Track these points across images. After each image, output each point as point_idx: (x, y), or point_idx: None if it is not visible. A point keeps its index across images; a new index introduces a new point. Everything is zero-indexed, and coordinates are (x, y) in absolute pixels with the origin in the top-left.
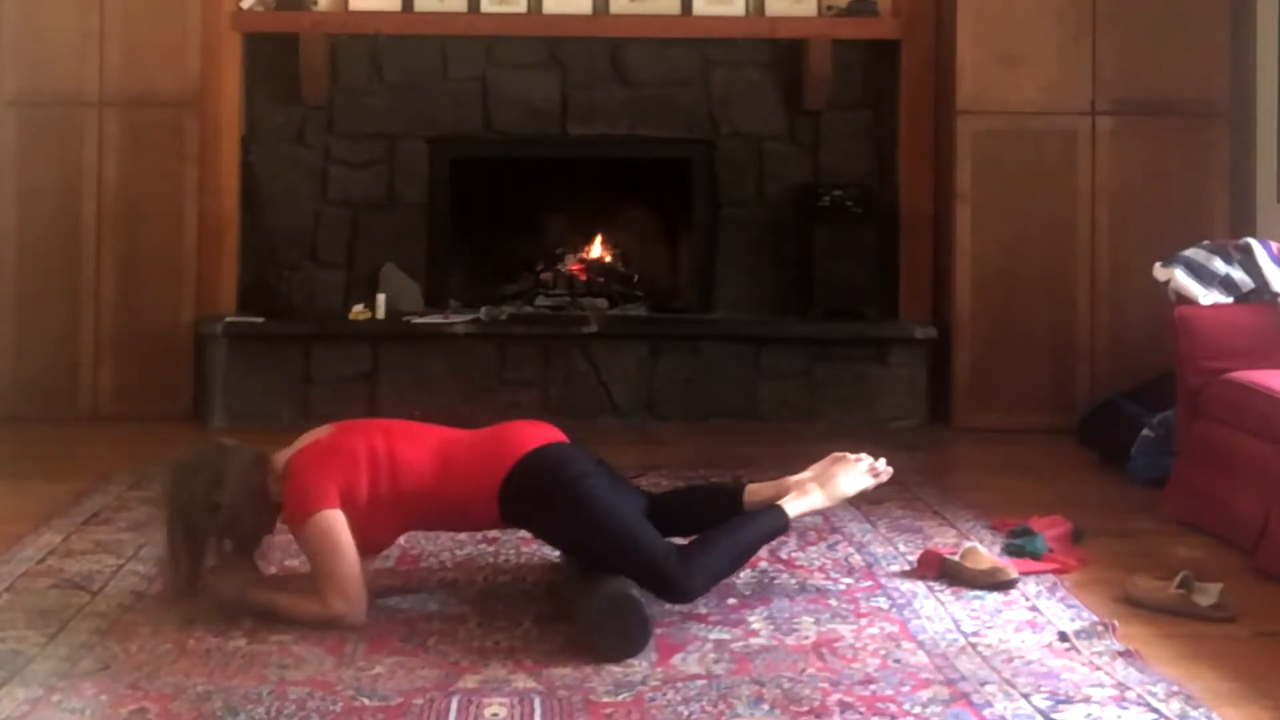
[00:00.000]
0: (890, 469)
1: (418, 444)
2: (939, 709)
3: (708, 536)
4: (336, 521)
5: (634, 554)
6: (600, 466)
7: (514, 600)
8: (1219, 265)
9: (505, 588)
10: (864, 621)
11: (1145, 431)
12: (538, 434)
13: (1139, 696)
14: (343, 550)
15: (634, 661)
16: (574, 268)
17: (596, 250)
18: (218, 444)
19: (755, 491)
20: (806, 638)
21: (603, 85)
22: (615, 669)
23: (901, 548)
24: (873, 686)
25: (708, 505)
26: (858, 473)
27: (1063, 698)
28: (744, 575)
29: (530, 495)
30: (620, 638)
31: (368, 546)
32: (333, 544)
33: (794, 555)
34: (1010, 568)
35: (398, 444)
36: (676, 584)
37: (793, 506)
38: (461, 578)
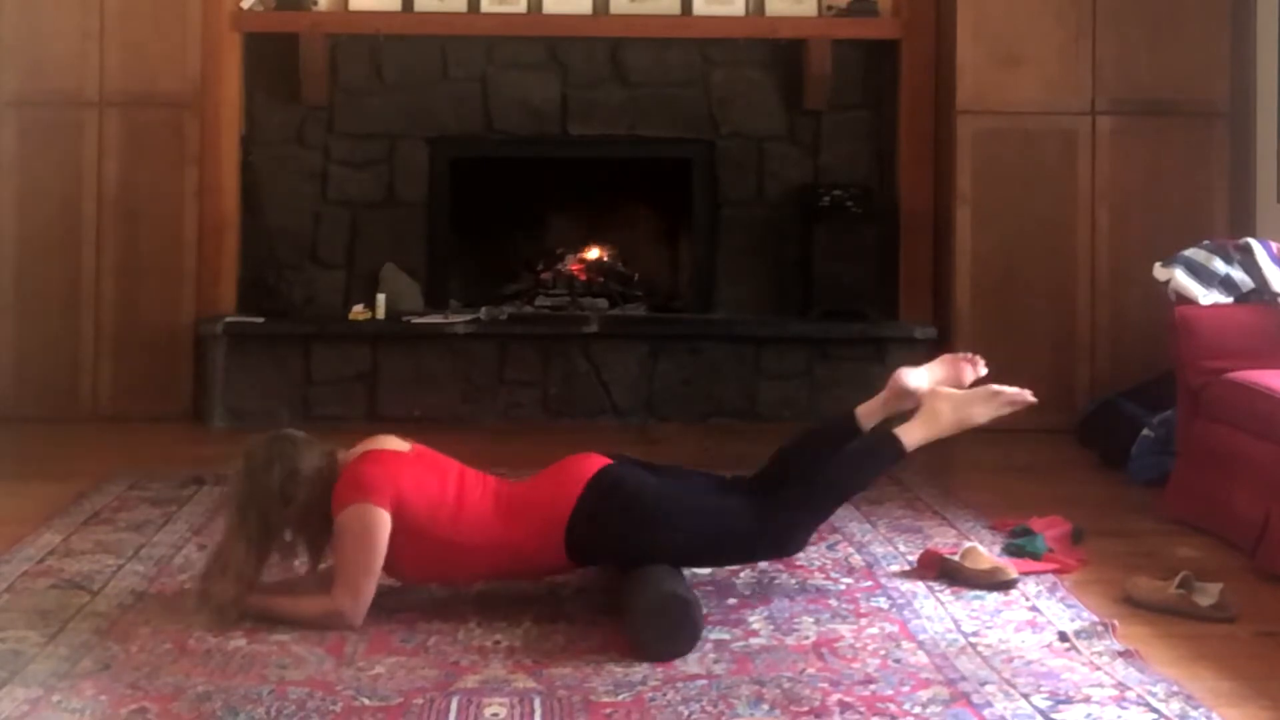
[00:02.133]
0: (1031, 395)
1: (484, 492)
2: (939, 709)
3: (811, 483)
4: (380, 519)
5: (728, 535)
6: (656, 472)
7: (514, 600)
8: (1219, 265)
9: (505, 588)
10: (864, 621)
11: (1145, 431)
12: (589, 464)
13: (1139, 696)
14: (374, 547)
15: (634, 661)
16: (574, 268)
17: (596, 250)
18: (290, 436)
19: (868, 414)
20: (806, 638)
21: (603, 85)
22: (615, 669)
23: (901, 548)
24: (873, 686)
25: (821, 449)
26: (999, 403)
27: (1063, 698)
28: (744, 575)
29: (601, 521)
30: (666, 637)
31: (390, 572)
32: (368, 536)
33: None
34: (1010, 568)
35: (467, 490)
36: (778, 543)
37: (912, 436)
38: None
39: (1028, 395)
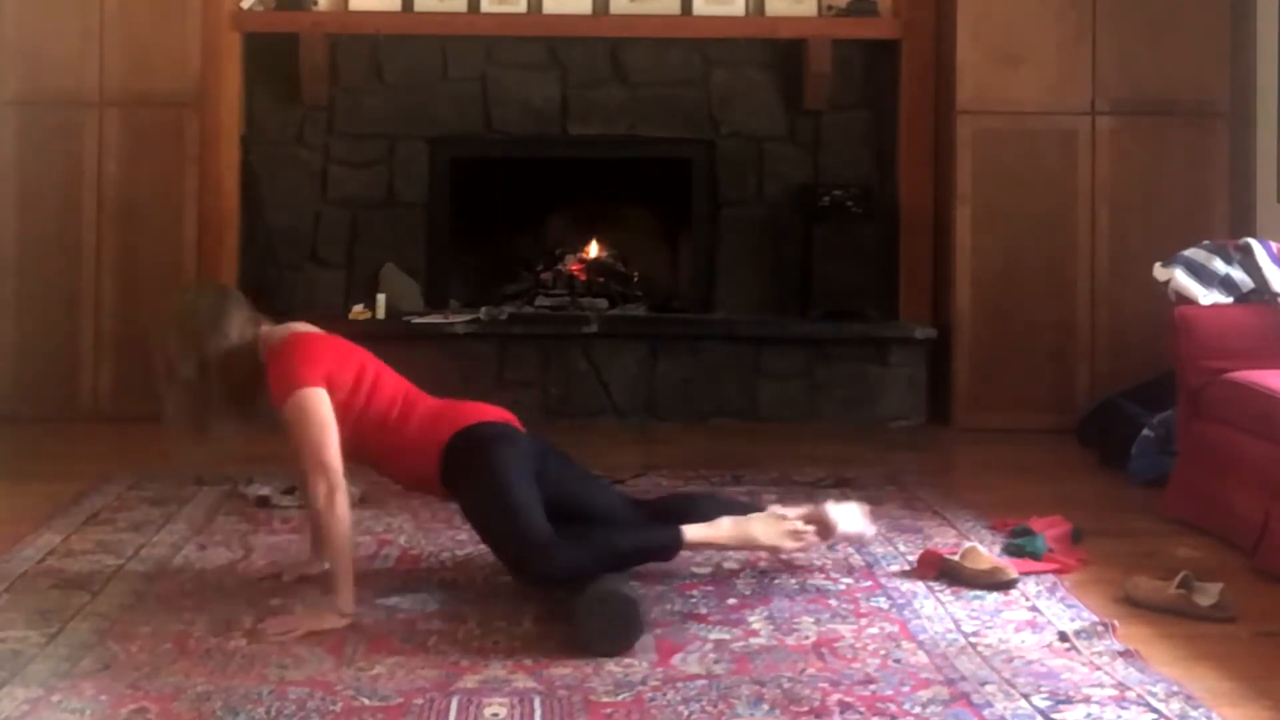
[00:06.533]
0: (814, 538)
1: (396, 382)
2: (939, 709)
3: (594, 533)
4: (318, 398)
5: (506, 526)
6: (551, 462)
7: (514, 600)
8: (1219, 265)
9: (505, 588)
10: (864, 621)
11: (1145, 431)
12: (495, 411)
13: (1139, 696)
14: (322, 423)
15: (634, 661)
16: (574, 268)
17: (596, 250)
18: (219, 286)
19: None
20: (806, 638)
21: (603, 85)
22: (615, 669)
23: (901, 548)
24: (873, 686)
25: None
26: (778, 530)
27: (1063, 698)
28: (744, 575)
29: (463, 459)
30: (609, 634)
31: None
32: (314, 417)
33: (794, 555)
34: (1010, 568)
35: (383, 373)
36: (535, 558)
37: (693, 531)
38: (461, 578)
39: (809, 530)
